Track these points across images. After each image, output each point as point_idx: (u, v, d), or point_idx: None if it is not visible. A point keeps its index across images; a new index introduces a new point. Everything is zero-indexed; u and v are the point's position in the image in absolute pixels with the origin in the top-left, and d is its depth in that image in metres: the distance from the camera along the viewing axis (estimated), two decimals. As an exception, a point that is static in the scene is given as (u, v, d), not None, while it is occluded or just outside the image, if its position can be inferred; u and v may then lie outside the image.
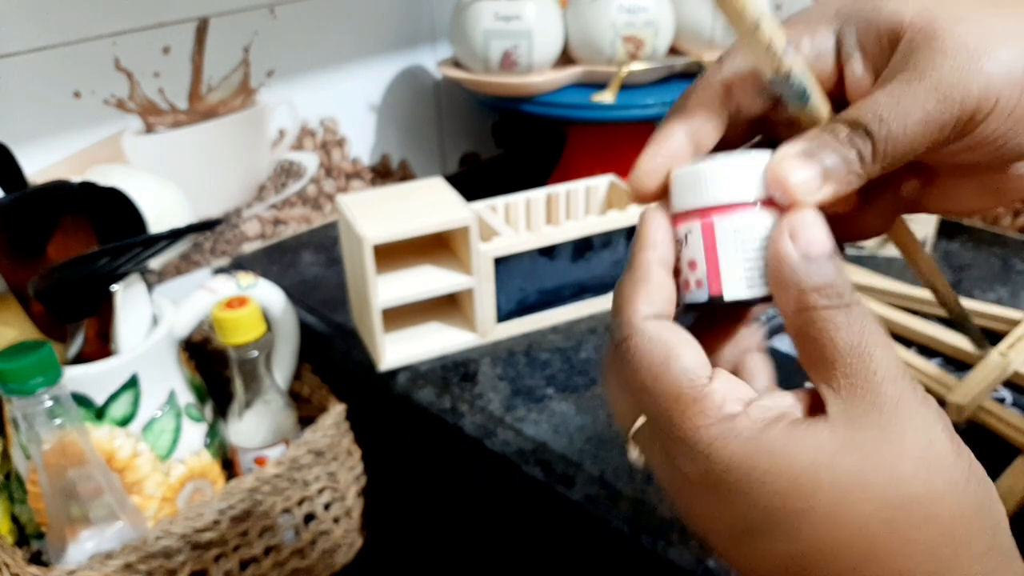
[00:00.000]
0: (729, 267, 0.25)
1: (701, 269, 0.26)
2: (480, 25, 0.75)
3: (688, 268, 0.26)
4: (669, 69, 0.81)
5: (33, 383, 0.46)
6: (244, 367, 0.58)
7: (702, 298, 0.26)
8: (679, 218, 0.27)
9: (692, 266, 0.26)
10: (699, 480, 0.24)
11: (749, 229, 0.25)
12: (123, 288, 0.53)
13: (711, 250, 0.26)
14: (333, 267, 0.77)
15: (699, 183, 0.26)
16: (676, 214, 0.27)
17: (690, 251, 0.26)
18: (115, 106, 0.70)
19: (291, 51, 0.80)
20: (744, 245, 0.25)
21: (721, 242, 0.25)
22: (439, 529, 0.68)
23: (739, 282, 0.25)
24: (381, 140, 0.92)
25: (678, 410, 0.24)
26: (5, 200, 0.50)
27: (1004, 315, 0.61)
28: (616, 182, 0.70)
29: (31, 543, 0.55)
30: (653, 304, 0.26)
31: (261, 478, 0.55)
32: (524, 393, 0.58)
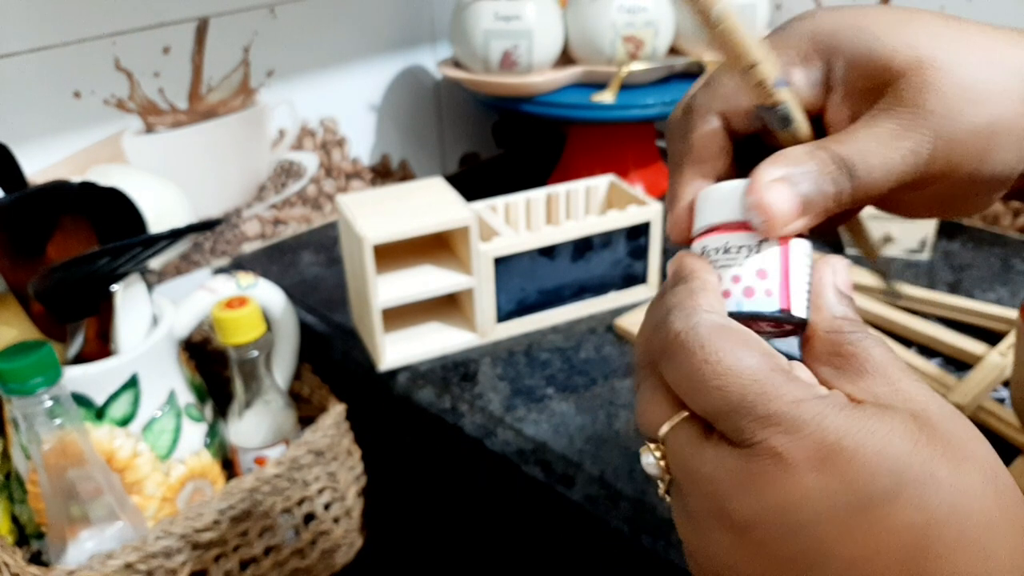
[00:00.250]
0: (797, 287, 0.26)
1: (773, 281, 0.26)
2: (480, 25, 0.75)
3: (757, 276, 0.26)
4: (669, 69, 0.81)
5: (33, 383, 0.46)
6: (244, 367, 0.58)
7: (768, 308, 0.26)
8: (723, 228, 0.27)
9: (761, 275, 0.26)
10: (804, 455, 0.22)
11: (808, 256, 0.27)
12: (123, 288, 0.53)
13: (785, 264, 0.26)
14: (333, 267, 0.77)
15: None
16: (719, 225, 0.27)
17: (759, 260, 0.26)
18: (115, 106, 0.70)
19: (291, 51, 0.80)
20: (808, 268, 0.27)
21: (794, 261, 0.27)
22: (439, 529, 0.68)
23: (801, 302, 0.26)
24: (381, 140, 0.92)
25: (770, 387, 0.23)
26: (5, 200, 0.50)
27: (1004, 315, 0.61)
28: (616, 182, 0.70)
29: (31, 543, 0.55)
30: (714, 306, 0.25)
31: (261, 478, 0.55)
32: (524, 393, 0.58)
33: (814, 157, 0.26)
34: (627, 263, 0.67)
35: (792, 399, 0.22)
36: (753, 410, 0.23)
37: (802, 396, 0.22)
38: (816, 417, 0.22)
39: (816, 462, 0.22)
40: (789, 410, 0.22)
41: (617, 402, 0.57)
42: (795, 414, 0.22)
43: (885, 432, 0.22)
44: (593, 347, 0.63)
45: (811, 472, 0.22)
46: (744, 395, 0.23)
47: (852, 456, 0.21)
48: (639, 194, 0.67)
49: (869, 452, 0.21)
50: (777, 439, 0.22)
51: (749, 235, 0.27)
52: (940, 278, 0.70)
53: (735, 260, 0.27)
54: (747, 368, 0.23)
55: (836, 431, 0.22)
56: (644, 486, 0.49)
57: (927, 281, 0.69)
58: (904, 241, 0.72)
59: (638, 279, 0.68)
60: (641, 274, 0.68)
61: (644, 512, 0.48)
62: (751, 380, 0.23)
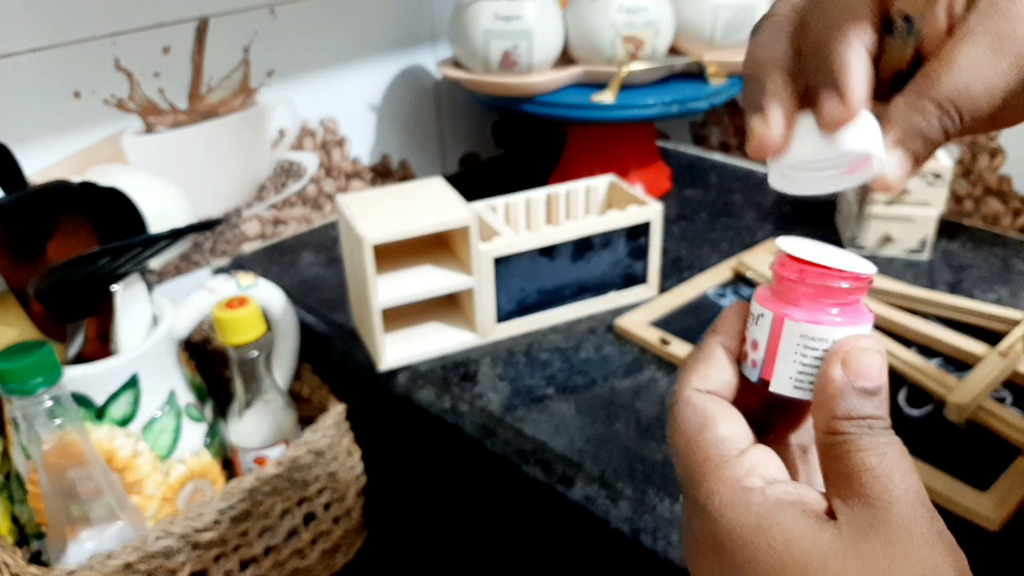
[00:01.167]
0: (783, 364, 0.27)
1: (760, 354, 0.27)
2: (480, 25, 0.75)
3: (751, 346, 0.28)
4: (669, 69, 0.81)
5: (33, 383, 0.46)
6: (244, 367, 0.58)
7: (752, 377, 0.28)
8: (765, 293, 0.28)
9: (754, 346, 0.28)
10: (704, 540, 0.25)
11: (815, 340, 0.26)
12: (123, 288, 0.53)
13: (774, 342, 0.27)
14: (333, 267, 0.77)
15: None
16: (766, 287, 0.28)
17: (757, 331, 0.28)
18: (115, 106, 0.70)
19: (291, 51, 0.80)
20: (805, 351, 0.26)
21: (785, 340, 0.27)
22: (439, 529, 0.68)
23: (787, 380, 0.27)
24: (381, 140, 0.92)
25: (701, 473, 0.26)
26: (5, 200, 0.50)
27: (1004, 315, 0.61)
28: (616, 182, 0.70)
29: (31, 543, 0.55)
30: (708, 381, 0.28)
31: (261, 478, 0.55)
32: (524, 393, 0.58)
33: (919, 110, 0.26)
34: (627, 263, 0.67)
35: (708, 490, 0.25)
36: (687, 491, 0.26)
37: (717, 489, 0.25)
38: (717, 510, 0.25)
39: (712, 547, 0.25)
40: (702, 498, 0.25)
41: (617, 402, 0.57)
42: (704, 503, 0.25)
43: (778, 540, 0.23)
44: (593, 347, 0.63)
45: (709, 554, 0.25)
46: (684, 475, 0.27)
47: (730, 553, 0.24)
48: (639, 194, 0.67)
49: (748, 555, 0.24)
50: (694, 521, 0.26)
51: (756, 305, 0.28)
52: (940, 278, 0.70)
53: (750, 324, 0.28)
54: (691, 454, 0.26)
55: (729, 526, 0.24)
56: (644, 486, 0.49)
57: (927, 281, 0.69)
58: (904, 241, 0.72)
59: (638, 279, 0.68)
60: (641, 274, 0.68)
61: (644, 512, 0.48)
62: (690, 463, 0.26)
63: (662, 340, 0.61)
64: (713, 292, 0.69)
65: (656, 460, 0.51)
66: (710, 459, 0.26)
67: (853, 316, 0.26)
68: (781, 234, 0.77)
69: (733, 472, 0.25)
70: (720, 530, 0.24)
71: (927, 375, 0.56)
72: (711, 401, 0.27)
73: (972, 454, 0.50)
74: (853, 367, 0.25)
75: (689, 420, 0.27)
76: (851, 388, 0.24)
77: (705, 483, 0.25)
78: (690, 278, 0.71)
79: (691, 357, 0.29)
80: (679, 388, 0.28)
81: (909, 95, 0.27)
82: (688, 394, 0.27)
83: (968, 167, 0.81)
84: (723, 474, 0.25)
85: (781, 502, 0.24)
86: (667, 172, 0.91)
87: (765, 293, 0.28)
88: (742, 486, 0.25)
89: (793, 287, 0.26)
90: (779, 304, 0.27)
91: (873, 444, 0.24)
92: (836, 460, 0.24)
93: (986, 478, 0.48)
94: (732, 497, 0.24)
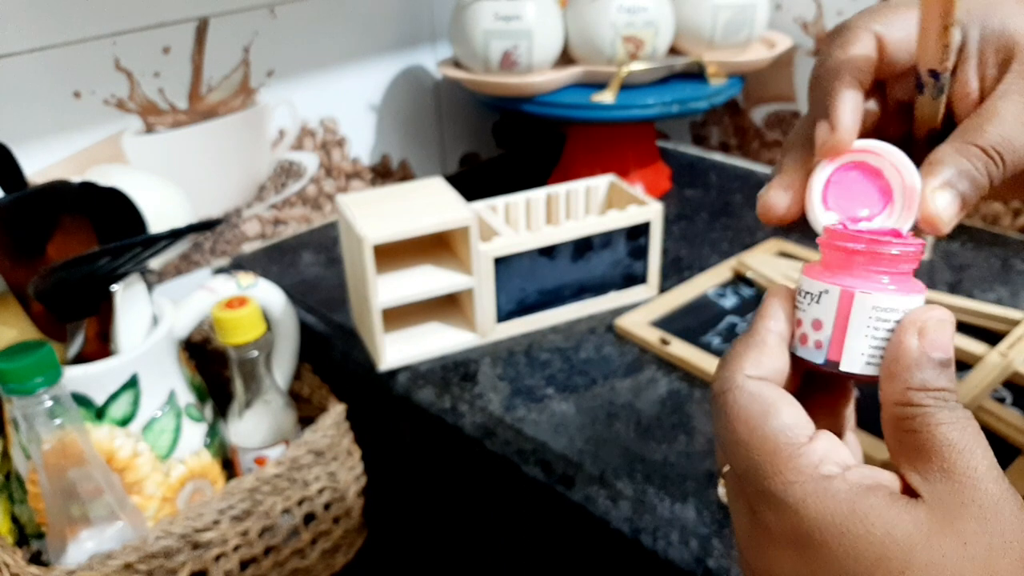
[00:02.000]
0: (854, 340, 0.26)
1: (826, 333, 0.26)
2: (480, 25, 0.75)
3: (811, 327, 0.27)
4: (669, 69, 0.81)
5: (33, 383, 0.46)
6: (244, 367, 0.58)
7: (817, 360, 0.27)
8: (817, 271, 0.27)
9: (816, 326, 0.27)
10: (783, 534, 0.24)
11: (887, 312, 0.25)
12: (123, 288, 0.53)
13: (843, 319, 0.26)
14: (333, 267, 0.77)
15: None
16: (815, 265, 0.28)
17: (819, 310, 0.26)
18: (115, 106, 0.70)
19: (291, 51, 0.80)
20: (877, 324, 0.26)
21: (855, 315, 0.26)
22: (439, 529, 0.68)
23: (859, 357, 0.26)
24: (381, 140, 0.92)
25: (773, 464, 0.24)
26: (5, 200, 0.50)
27: (1004, 315, 0.61)
28: (616, 182, 0.70)
29: (31, 543, 0.55)
30: (761, 367, 0.27)
31: (261, 478, 0.55)
32: (524, 393, 0.58)
33: (966, 155, 0.27)
34: (627, 263, 0.67)
35: (784, 480, 0.24)
36: (754, 483, 0.25)
37: (795, 479, 0.24)
38: (799, 501, 0.24)
39: (793, 541, 0.24)
40: (778, 490, 0.24)
41: (617, 402, 0.57)
42: (782, 495, 0.24)
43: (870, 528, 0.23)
44: (593, 347, 0.63)
45: (789, 548, 0.24)
46: (748, 467, 0.25)
47: (822, 547, 0.23)
48: (639, 194, 0.67)
49: (843, 548, 0.23)
50: (766, 515, 0.25)
51: (815, 283, 0.27)
52: (940, 278, 0.70)
53: (803, 305, 0.27)
54: (756, 444, 0.25)
55: (815, 516, 0.23)
56: (644, 486, 0.49)
57: (927, 281, 0.69)
58: (904, 241, 0.72)
59: (638, 279, 0.68)
60: (641, 274, 0.68)
61: (644, 512, 0.48)
62: (757, 454, 0.25)
63: (662, 340, 0.61)
64: (713, 292, 0.69)
65: (656, 460, 0.51)
66: (780, 448, 0.24)
67: (914, 287, 0.26)
68: (781, 234, 0.77)
69: (808, 460, 0.24)
70: (805, 521, 0.23)
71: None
72: (768, 387, 0.26)
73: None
74: (929, 338, 0.24)
75: (749, 408, 0.25)
76: (927, 358, 0.24)
77: (780, 473, 0.24)
78: (690, 278, 0.71)
79: (740, 343, 0.28)
80: (730, 375, 0.27)
81: (955, 142, 0.28)
82: (742, 381, 0.26)
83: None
84: (798, 463, 0.24)
85: (865, 487, 0.23)
86: (667, 172, 0.91)
87: (818, 270, 0.27)
88: (820, 474, 0.24)
89: (852, 259, 0.26)
90: (843, 278, 0.26)
91: (953, 418, 0.24)
92: (913, 434, 0.24)
93: (986, 478, 0.47)
94: (814, 486, 0.24)
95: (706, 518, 0.47)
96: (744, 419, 0.25)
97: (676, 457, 0.51)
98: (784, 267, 0.70)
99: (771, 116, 0.96)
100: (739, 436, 0.25)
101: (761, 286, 0.69)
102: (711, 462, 0.51)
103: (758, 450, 0.25)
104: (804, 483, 0.24)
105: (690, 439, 0.53)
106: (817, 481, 0.24)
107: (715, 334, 0.63)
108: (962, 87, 0.30)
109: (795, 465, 0.24)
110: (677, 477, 0.50)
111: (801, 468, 0.24)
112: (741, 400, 0.26)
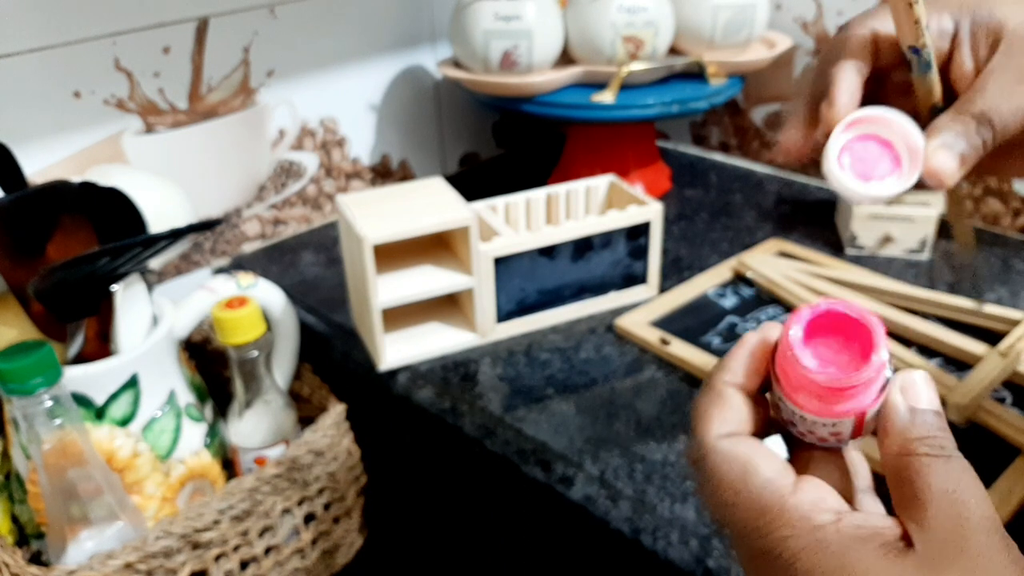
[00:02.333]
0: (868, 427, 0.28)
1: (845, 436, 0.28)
2: (480, 25, 0.75)
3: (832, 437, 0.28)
4: (669, 69, 0.81)
5: (33, 383, 0.46)
6: (244, 367, 0.58)
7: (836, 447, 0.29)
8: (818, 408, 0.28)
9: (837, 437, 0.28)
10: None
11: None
12: (123, 288, 0.53)
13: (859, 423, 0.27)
14: (333, 267, 0.77)
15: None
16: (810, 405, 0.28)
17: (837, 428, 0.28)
18: (115, 106, 0.70)
19: (291, 51, 0.80)
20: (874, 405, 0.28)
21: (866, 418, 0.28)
22: (439, 529, 0.68)
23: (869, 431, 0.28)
24: (381, 140, 0.92)
25: (765, 521, 0.25)
26: (5, 200, 0.50)
27: (1004, 315, 0.61)
28: (616, 182, 0.70)
29: (31, 543, 0.55)
30: (727, 423, 0.28)
31: (261, 478, 0.55)
32: (524, 393, 0.58)
33: (960, 121, 0.33)
34: (627, 263, 0.67)
35: (779, 537, 0.25)
36: (751, 542, 0.26)
37: (788, 533, 0.25)
38: (793, 555, 0.24)
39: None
40: (774, 547, 0.25)
41: (617, 402, 0.57)
42: (779, 550, 0.25)
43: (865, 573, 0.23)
44: (593, 347, 0.63)
45: None
46: (744, 528, 0.26)
47: None
48: (639, 194, 0.67)
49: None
50: (766, 571, 0.25)
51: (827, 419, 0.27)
52: (940, 278, 0.70)
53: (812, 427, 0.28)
54: (744, 505, 0.26)
55: (809, 569, 0.24)
56: (644, 486, 0.49)
57: (927, 281, 0.69)
58: (904, 241, 0.72)
59: (638, 279, 0.68)
60: (641, 274, 0.68)
61: (644, 512, 0.48)
62: (747, 514, 0.26)
63: (662, 340, 0.61)
64: (713, 292, 0.69)
65: (656, 460, 0.51)
66: (768, 506, 0.25)
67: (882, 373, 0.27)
68: (781, 234, 0.77)
69: (797, 512, 0.25)
70: (800, 574, 0.24)
71: (927, 375, 0.56)
72: (740, 444, 0.27)
73: (972, 454, 0.50)
74: (912, 393, 0.26)
75: (728, 471, 0.26)
76: (915, 411, 0.26)
77: (773, 531, 0.25)
78: (690, 278, 0.71)
79: (702, 405, 0.29)
80: (701, 440, 0.28)
81: (950, 112, 0.34)
82: (713, 444, 0.27)
83: (968, 167, 0.81)
84: (788, 517, 0.25)
85: (858, 538, 0.24)
86: (667, 172, 0.91)
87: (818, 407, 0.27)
88: (812, 525, 0.24)
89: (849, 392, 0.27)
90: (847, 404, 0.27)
91: (948, 468, 0.24)
92: (909, 484, 0.25)
93: (986, 478, 0.47)
94: (807, 540, 0.24)
95: (706, 518, 0.47)
96: (728, 483, 0.26)
97: (676, 457, 0.51)
98: (784, 267, 0.70)
99: (771, 116, 0.96)
100: (726, 499, 0.26)
101: (761, 286, 0.69)
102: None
103: (747, 510, 0.26)
104: (798, 537, 0.24)
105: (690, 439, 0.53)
106: (809, 533, 0.24)
107: (715, 334, 0.63)
108: (959, 68, 0.35)
109: (786, 520, 0.25)
110: (677, 477, 0.50)
111: (792, 522, 0.25)
112: (719, 464, 0.27)
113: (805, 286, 0.66)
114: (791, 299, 0.66)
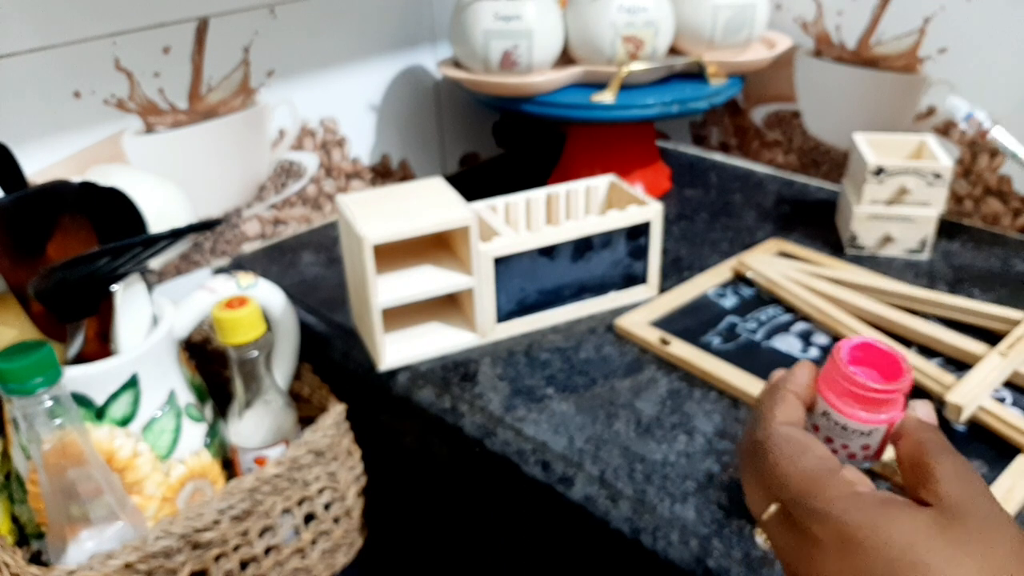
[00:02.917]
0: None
1: (873, 449, 0.37)
2: (480, 25, 0.75)
3: (860, 449, 0.37)
4: (669, 69, 0.81)
5: (33, 383, 0.46)
6: (244, 367, 0.58)
7: (865, 466, 0.38)
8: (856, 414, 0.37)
9: (864, 449, 0.37)
10: (830, 540, 0.30)
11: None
12: (123, 288, 0.53)
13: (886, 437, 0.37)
14: (333, 267, 0.77)
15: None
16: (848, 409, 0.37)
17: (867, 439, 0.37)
18: (115, 106, 0.70)
19: (291, 51, 0.80)
20: None
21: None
22: (439, 529, 0.68)
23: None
24: (381, 140, 0.92)
25: (817, 487, 0.32)
26: (5, 200, 0.50)
27: (1004, 315, 0.60)
28: (616, 182, 0.70)
29: (31, 543, 0.55)
30: (789, 416, 0.36)
31: (261, 478, 0.55)
32: (524, 393, 0.58)
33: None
34: (627, 263, 0.67)
35: (828, 497, 0.31)
36: (803, 504, 0.32)
37: (836, 495, 0.31)
38: (842, 511, 0.30)
39: (839, 544, 0.30)
40: (824, 506, 0.31)
41: (617, 402, 0.57)
42: (828, 508, 0.31)
43: (897, 525, 0.29)
44: (593, 347, 0.63)
45: (835, 551, 0.30)
46: (797, 493, 0.32)
47: (863, 543, 0.29)
48: (639, 194, 0.67)
49: (879, 540, 0.29)
50: (814, 528, 0.31)
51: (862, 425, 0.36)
52: (940, 278, 0.70)
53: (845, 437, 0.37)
54: (800, 473, 0.32)
55: (855, 521, 0.30)
56: (644, 486, 0.49)
57: (927, 281, 0.69)
58: (904, 241, 0.72)
59: (638, 279, 0.68)
60: (641, 274, 0.68)
61: (644, 512, 0.48)
62: (803, 482, 0.32)
63: (662, 340, 0.61)
64: (713, 292, 0.69)
65: (656, 460, 0.51)
66: (821, 475, 0.32)
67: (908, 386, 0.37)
68: (781, 234, 0.77)
69: (844, 481, 0.31)
70: (849, 525, 0.30)
71: (927, 375, 0.56)
72: (798, 431, 0.35)
73: (972, 454, 0.50)
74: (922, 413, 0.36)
75: (789, 449, 0.34)
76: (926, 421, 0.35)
77: (824, 493, 0.31)
78: (690, 278, 0.71)
79: (768, 402, 0.37)
80: (767, 424, 0.35)
81: None
82: (777, 428, 0.35)
83: (968, 167, 0.81)
84: (837, 484, 0.31)
85: (887, 499, 0.30)
86: (667, 172, 0.91)
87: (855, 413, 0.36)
88: (854, 491, 0.31)
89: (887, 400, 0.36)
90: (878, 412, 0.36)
91: (954, 457, 0.32)
92: (923, 466, 0.32)
93: (986, 478, 0.48)
94: (852, 501, 0.30)
95: (706, 518, 0.47)
96: (787, 456, 0.33)
97: (676, 457, 0.51)
98: (784, 267, 0.70)
99: (771, 116, 0.96)
100: (785, 470, 0.33)
101: (761, 286, 0.69)
102: (711, 462, 0.51)
103: (802, 479, 0.32)
104: (844, 498, 0.31)
105: (690, 439, 0.53)
106: (853, 497, 0.31)
107: (715, 334, 0.63)
108: None
109: (835, 486, 0.31)
110: (677, 477, 0.50)
111: (839, 488, 0.31)
112: (781, 443, 0.34)
113: (805, 286, 0.66)
114: (791, 299, 0.66)
